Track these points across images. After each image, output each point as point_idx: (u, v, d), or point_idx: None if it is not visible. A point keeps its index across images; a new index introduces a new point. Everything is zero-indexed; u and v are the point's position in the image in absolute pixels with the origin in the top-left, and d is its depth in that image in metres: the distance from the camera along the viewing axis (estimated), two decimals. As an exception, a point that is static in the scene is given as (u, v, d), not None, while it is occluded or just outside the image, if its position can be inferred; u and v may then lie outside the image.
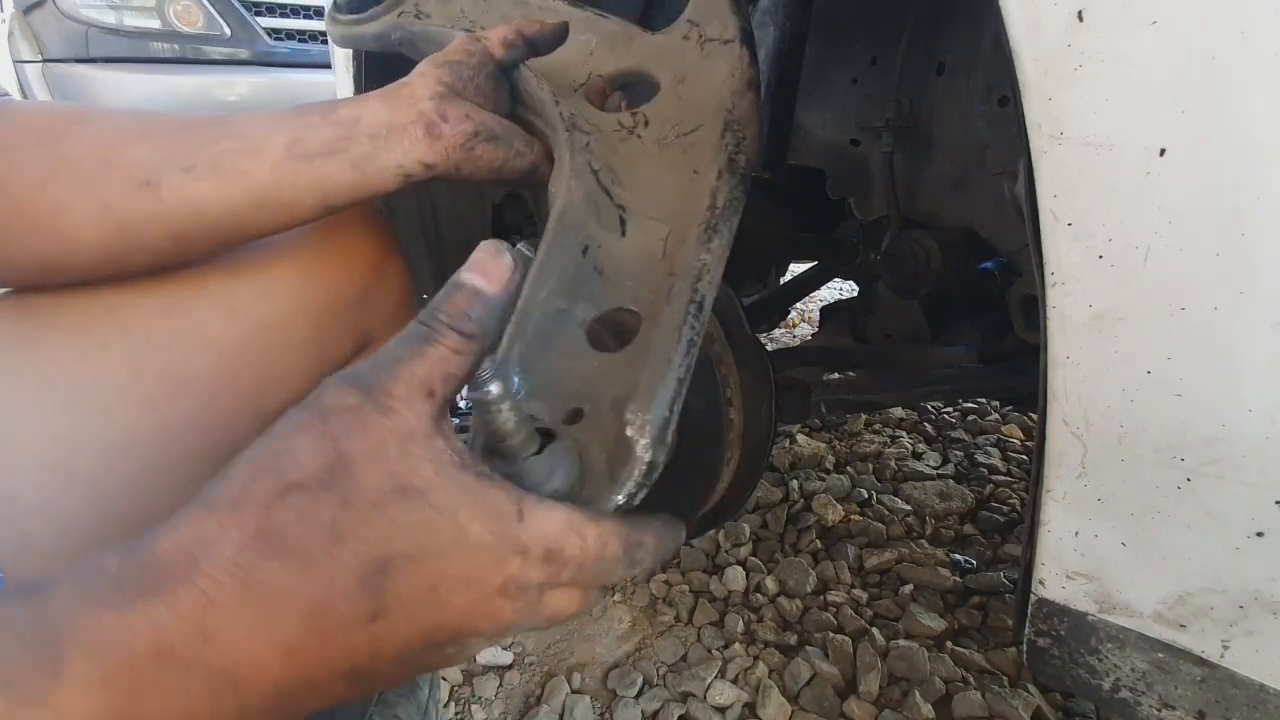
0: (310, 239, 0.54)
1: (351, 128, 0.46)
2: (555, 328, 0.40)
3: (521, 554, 0.28)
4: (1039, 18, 0.34)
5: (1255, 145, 0.30)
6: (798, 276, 1.34)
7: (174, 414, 0.47)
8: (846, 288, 2.73)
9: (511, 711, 0.85)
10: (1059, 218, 0.36)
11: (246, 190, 0.45)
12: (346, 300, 0.55)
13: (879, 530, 1.17)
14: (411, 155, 0.46)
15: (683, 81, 0.55)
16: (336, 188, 0.46)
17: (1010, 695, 0.82)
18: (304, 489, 0.25)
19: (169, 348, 0.47)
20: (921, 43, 0.84)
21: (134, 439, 0.46)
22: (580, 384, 0.38)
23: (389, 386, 0.27)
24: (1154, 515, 0.38)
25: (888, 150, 0.85)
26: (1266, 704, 0.37)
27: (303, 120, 0.46)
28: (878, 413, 1.62)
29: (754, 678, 0.88)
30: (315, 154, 0.45)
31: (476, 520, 0.27)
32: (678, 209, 0.47)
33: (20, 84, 2.88)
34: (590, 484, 0.34)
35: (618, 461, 0.35)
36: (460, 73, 0.49)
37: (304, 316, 0.53)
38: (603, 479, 0.35)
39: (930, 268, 0.83)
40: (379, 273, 0.58)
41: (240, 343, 0.50)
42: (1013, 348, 0.96)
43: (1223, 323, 0.33)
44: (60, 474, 0.43)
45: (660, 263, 0.44)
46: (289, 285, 0.52)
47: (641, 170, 0.50)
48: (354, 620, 0.26)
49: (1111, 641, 0.42)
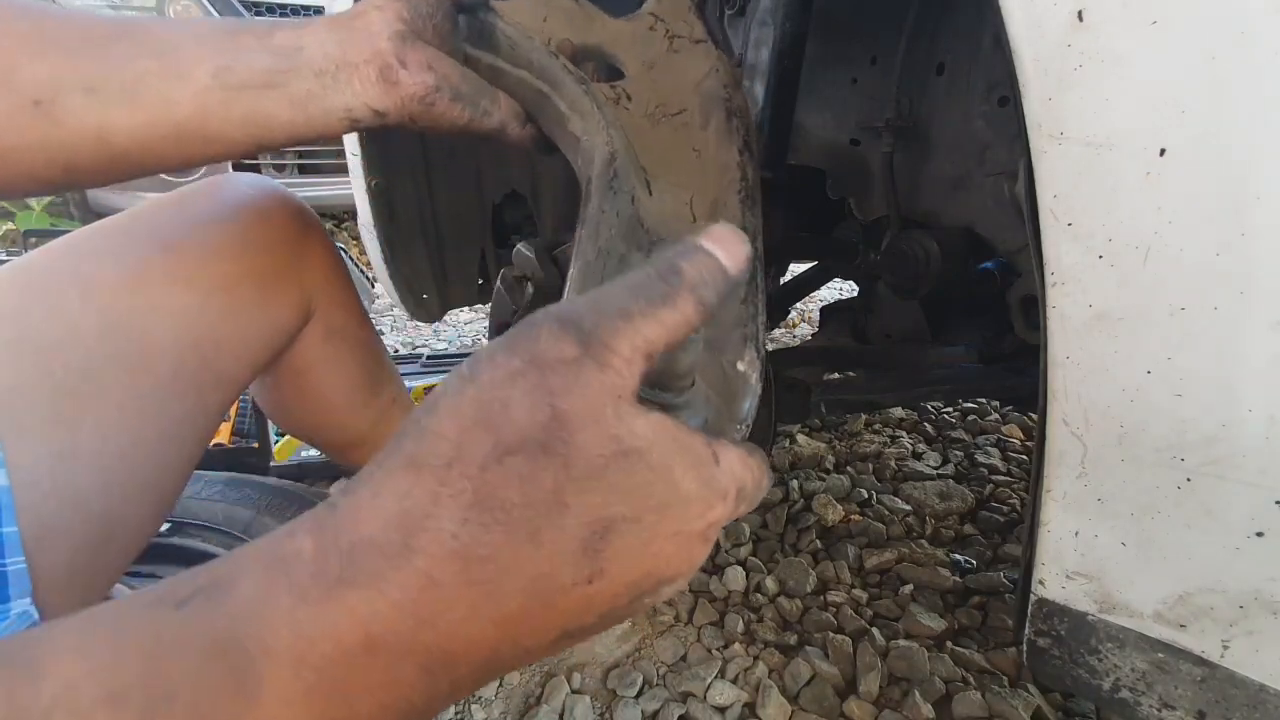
0: (239, 209, 0.57)
1: (293, 58, 0.42)
2: (622, 271, 0.42)
3: (722, 498, 0.27)
4: (1039, 18, 0.34)
5: (1255, 145, 0.30)
6: (798, 276, 1.34)
7: (150, 382, 0.49)
8: (846, 288, 2.73)
9: (511, 711, 0.85)
10: (1059, 218, 0.36)
11: (165, 120, 0.40)
12: (282, 264, 0.59)
13: (879, 530, 1.17)
14: (362, 99, 0.43)
15: (652, 68, 0.55)
16: (272, 125, 0.42)
17: (1010, 695, 0.82)
18: (523, 452, 0.23)
19: (138, 320, 0.50)
20: (921, 43, 0.84)
21: (121, 411, 0.48)
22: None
23: (613, 343, 0.24)
24: (1154, 515, 0.38)
25: (888, 150, 0.85)
26: (1266, 704, 0.37)
27: (234, 42, 0.41)
28: (878, 413, 1.62)
29: (754, 678, 0.88)
30: (249, 85, 0.41)
31: (688, 474, 0.26)
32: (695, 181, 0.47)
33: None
34: (714, 420, 0.37)
35: (731, 396, 0.37)
36: (420, 9, 0.45)
37: (248, 281, 0.55)
38: (723, 414, 0.36)
39: (930, 268, 0.83)
40: (306, 236, 0.62)
41: (198, 310, 0.52)
42: (1013, 348, 0.96)
43: (1223, 323, 0.33)
44: (67, 456, 0.45)
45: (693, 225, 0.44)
46: (230, 252, 0.55)
47: (640, 140, 0.50)
48: (572, 585, 0.24)
49: (1111, 641, 0.42)
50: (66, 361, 0.46)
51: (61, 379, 0.46)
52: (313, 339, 0.66)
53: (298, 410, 0.72)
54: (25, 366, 0.45)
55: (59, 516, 0.44)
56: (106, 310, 0.49)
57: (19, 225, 3.77)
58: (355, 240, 3.69)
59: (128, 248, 0.52)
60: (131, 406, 0.49)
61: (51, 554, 0.44)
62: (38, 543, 0.42)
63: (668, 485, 0.25)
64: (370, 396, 0.74)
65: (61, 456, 0.45)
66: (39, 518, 0.43)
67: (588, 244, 0.40)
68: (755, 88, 0.86)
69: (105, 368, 0.48)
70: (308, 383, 0.69)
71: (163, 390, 0.50)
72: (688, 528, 0.26)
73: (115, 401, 0.48)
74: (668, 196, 0.46)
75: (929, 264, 0.83)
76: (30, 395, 0.45)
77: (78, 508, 0.45)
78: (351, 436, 0.75)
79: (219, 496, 0.87)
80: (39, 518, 0.43)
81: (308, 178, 2.97)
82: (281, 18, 2.81)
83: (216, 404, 0.56)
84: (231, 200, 0.58)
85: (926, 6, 0.81)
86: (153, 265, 0.52)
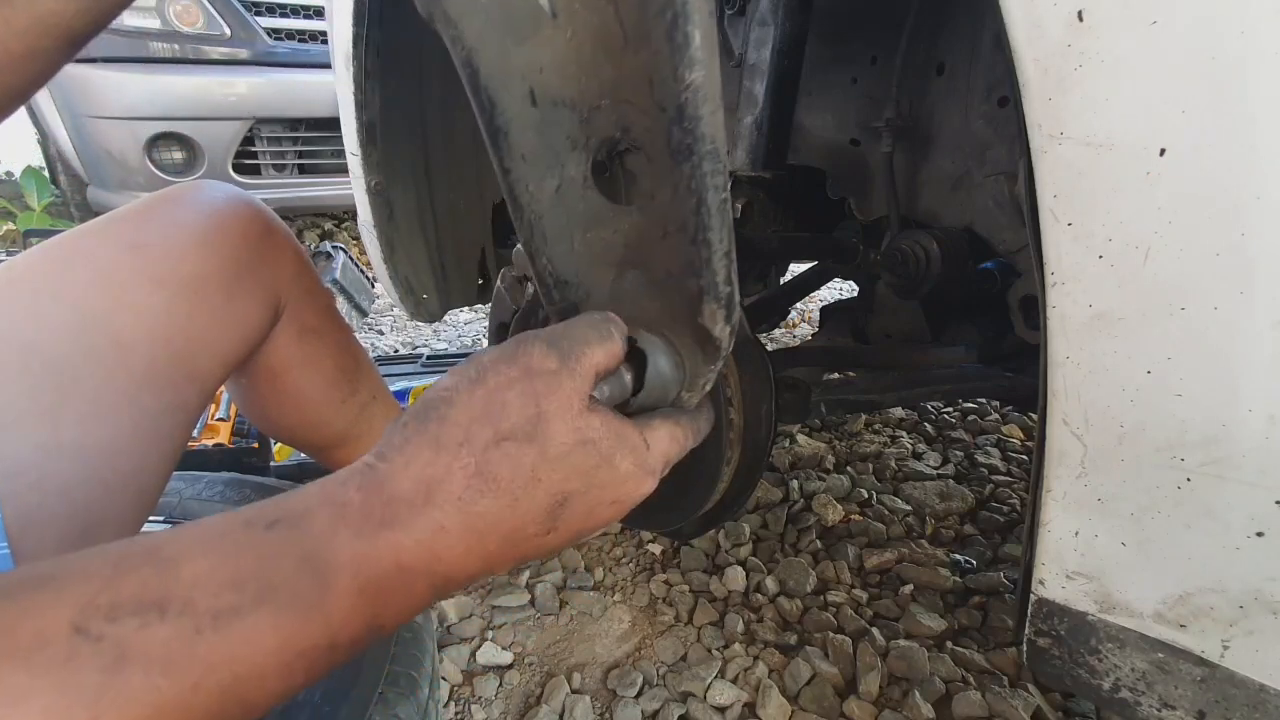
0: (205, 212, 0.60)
1: None
2: (561, 205, 0.40)
3: (652, 474, 0.37)
4: (1039, 18, 0.34)
5: (1255, 145, 0.30)
6: (798, 276, 1.33)
7: (124, 377, 0.52)
8: (846, 288, 2.73)
9: (511, 711, 0.85)
10: (1059, 218, 0.36)
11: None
12: (246, 263, 0.61)
13: (879, 530, 1.17)
14: None
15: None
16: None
17: (1010, 695, 0.82)
18: (514, 439, 0.32)
19: (110, 317, 0.52)
20: (921, 43, 0.84)
21: (99, 406, 0.50)
22: (624, 250, 0.41)
23: (581, 362, 0.35)
24: (1154, 515, 0.38)
25: (888, 150, 0.86)
26: (1266, 704, 0.37)
27: None
28: (878, 413, 1.62)
29: (754, 678, 0.88)
30: None
31: (626, 459, 0.35)
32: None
33: (20, 84, 2.88)
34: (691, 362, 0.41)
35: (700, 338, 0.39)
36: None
37: (213, 281, 0.58)
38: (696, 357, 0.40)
39: (930, 268, 0.83)
40: (270, 237, 0.65)
41: (166, 308, 0.55)
42: (1013, 348, 0.96)
43: (1223, 323, 0.33)
44: (50, 448, 0.47)
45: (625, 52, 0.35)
46: (196, 252, 0.58)
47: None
48: (535, 535, 0.34)
49: (1111, 641, 0.42)
50: (44, 358, 0.49)
51: (39, 375, 0.48)
52: (286, 338, 0.68)
53: (276, 411, 0.73)
54: (4, 363, 0.47)
55: (42, 508, 0.46)
56: (80, 309, 0.51)
57: (19, 226, 3.77)
58: (355, 240, 3.69)
59: (99, 249, 0.55)
60: (108, 401, 0.51)
61: (35, 543, 0.45)
62: (21, 532, 0.45)
63: (611, 467, 0.35)
64: (348, 394, 0.75)
65: (44, 449, 0.47)
66: (22, 508, 0.45)
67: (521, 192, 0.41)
68: (755, 88, 0.86)
69: (81, 364, 0.50)
70: (284, 383, 0.70)
71: (137, 385, 0.53)
72: (625, 497, 0.36)
73: (92, 396, 0.50)
74: (583, 12, 0.36)
75: (929, 264, 0.83)
76: (10, 390, 0.47)
77: (60, 498, 0.47)
78: (331, 435, 0.76)
79: (219, 497, 0.87)
80: (22, 508, 0.45)
81: (308, 178, 2.97)
82: (281, 17, 2.81)
83: (192, 400, 0.58)
84: (197, 204, 0.61)
85: (926, 6, 0.81)
86: (122, 265, 0.54)
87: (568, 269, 0.44)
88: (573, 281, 0.44)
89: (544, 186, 0.41)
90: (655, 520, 0.62)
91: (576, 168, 0.40)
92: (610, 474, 0.35)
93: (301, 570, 0.28)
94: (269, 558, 0.28)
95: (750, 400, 0.53)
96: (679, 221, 0.37)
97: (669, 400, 0.41)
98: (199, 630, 0.26)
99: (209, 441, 1.18)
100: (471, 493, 0.31)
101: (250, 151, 2.80)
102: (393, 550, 0.30)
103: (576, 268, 0.43)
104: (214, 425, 1.20)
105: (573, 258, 0.43)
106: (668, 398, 0.41)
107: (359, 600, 0.29)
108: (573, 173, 0.40)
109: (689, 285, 0.38)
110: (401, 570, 0.30)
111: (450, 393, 0.33)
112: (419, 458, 0.32)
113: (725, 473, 0.54)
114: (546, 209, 0.42)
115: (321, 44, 2.87)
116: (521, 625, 0.98)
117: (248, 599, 0.27)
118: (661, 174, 0.37)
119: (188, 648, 0.25)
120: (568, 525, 0.35)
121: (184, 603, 0.26)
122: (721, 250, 0.37)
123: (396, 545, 0.30)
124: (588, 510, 0.35)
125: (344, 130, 1.01)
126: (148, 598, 0.25)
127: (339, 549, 0.29)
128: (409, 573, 0.31)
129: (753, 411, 0.54)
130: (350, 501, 0.31)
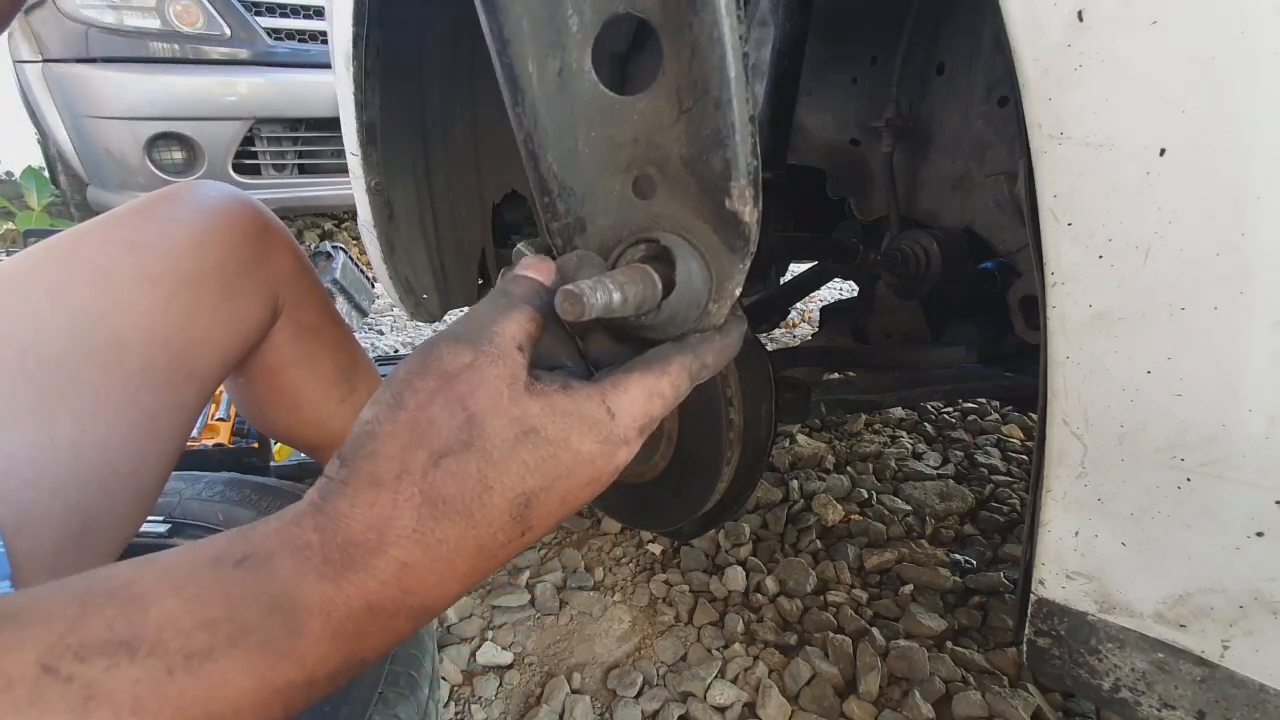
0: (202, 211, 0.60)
1: None
2: (565, 93, 0.38)
3: (624, 443, 0.34)
4: (1039, 18, 0.34)
5: (1255, 145, 0.30)
6: (798, 276, 1.34)
7: (121, 376, 0.52)
8: (846, 288, 2.73)
9: (511, 711, 0.85)
10: (1059, 218, 0.36)
11: None
12: (244, 262, 0.61)
13: (879, 530, 1.17)
14: None
15: None
16: None
17: (1010, 695, 0.82)
18: (450, 453, 0.30)
19: (108, 317, 0.52)
20: (921, 43, 0.84)
21: (96, 405, 0.50)
22: (633, 147, 0.38)
23: (495, 340, 0.32)
24: (1154, 515, 0.38)
25: (888, 150, 0.86)
26: (1266, 704, 0.37)
27: None
28: (878, 413, 1.62)
29: (754, 678, 0.88)
30: None
31: (585, 438, 0.32)
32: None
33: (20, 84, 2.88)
34: (717, 263, 0.37)
35: (727, 230, 0.36)
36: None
37: (211, 280, 0.58)
38: (722, 255, 0.37)
39: (930, 268, 0.83)
40: (267, 236, 0.65)
41: (163, 307, 0.55)
42: (1013, 348, 0.97)
43: (1223, 323, 0.33)
44: (47, 446, 0.47)
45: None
46: (193, 251, 0.58)
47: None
48: (508, 541, 0.32)
49: (1111, 641, 0.42)
50: (40, 357, 0.49)
51: (36, 374, 0.48)
52: (284, 337, 0.68)
53: (273, 410, 0.73)
54: (2, 362, 0.47)
55: (38, 505, 0.46)
56: (76, 308, 0.51)
57: (19, 226, 3.77)
58: (355, 240, 3.69)
59: (97, 249, 0.55)
60: (105, 400, 0.51)
61: (31, 541, 0.45)
62: (18, 530, 0.44)
63: (569, 452, 0.32)
64: (346, 393, 0.75)
65: (40, 447, 0.47)
66: (18, 505, 0.45)
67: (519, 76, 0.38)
68: (755, 87, 0.86)
69: (78, 363, 0.50)
70: (282, 382, 0.70)
71: (135, 384, 0.53)
72: (598, 475, 0.33)
73: (89, 395, 0.50)
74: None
75: (929, 264, 0.83)
76: (7, 389, 0.47)
77: (56, 496, 0.47)
78: (329, 434, 0.76)
79: (219, 497, 0.87)
80: (18, 505, 0.45)
81: (308, 178, 2.97)
82: (281, 17, 2.81)
83: (191, 399, 0.58)
84: (195, 204, 0.61)
85: (926, 6, 0.81)
86: (119, 264, 0.54)
87: (571, 174, 0.40)
88: (578, 190, 0.41)
89: (546, 67, 0.38)
90: (655, 520, 0.62)
91: (580, 50, 0.38)
92: (571, 458, 0.32)
93: (272, 615, 0.27)
94: (239, 600, 0.27)
95: (750, 400, 0.53)
96: (701, 86, 0.34)
97: (699, 307, 0.38)
98: (170, 671, 0.25)
99: (209, 441, 1.18)
100: (425, 522, 0.30)
101: (250, 151, 2.80)
102: (361, 593, 0.29)
103: (581, 173, 0.40)
104: (214, 425, 1.20)
105: (577, 160, 0.40)
106: (698, 303, 0.37)
107: (335, 642, 0.29)
108: (576, 56, 0.38)
109: (712, 163, 0.35)
110: (374, 610, 0.29)
111: (374, 425, 0.31)
112: (361, 499, 0.30)
113: (725, 473, 0.54)
114: (549, 95, 0.39)
115: (321, 44, 2.87)
116: (521, 625, 0.98)
117: (220, 640, 0.26)
118: (675, 36, 0.34)
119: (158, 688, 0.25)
120: (542, 521, 0.33)
121: (153, 643, 0.25)
122: (746, 116, 0.34)
123: (363, 588, 0.29)
124: (559, 500, 0.33)
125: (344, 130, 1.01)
126: (116, 638, 0.25)
127: (307, 592, 0.28)
128: (382, 612, 0.30)
129: (753, 411, 0.54)
130: (310, 544, 0.29)
